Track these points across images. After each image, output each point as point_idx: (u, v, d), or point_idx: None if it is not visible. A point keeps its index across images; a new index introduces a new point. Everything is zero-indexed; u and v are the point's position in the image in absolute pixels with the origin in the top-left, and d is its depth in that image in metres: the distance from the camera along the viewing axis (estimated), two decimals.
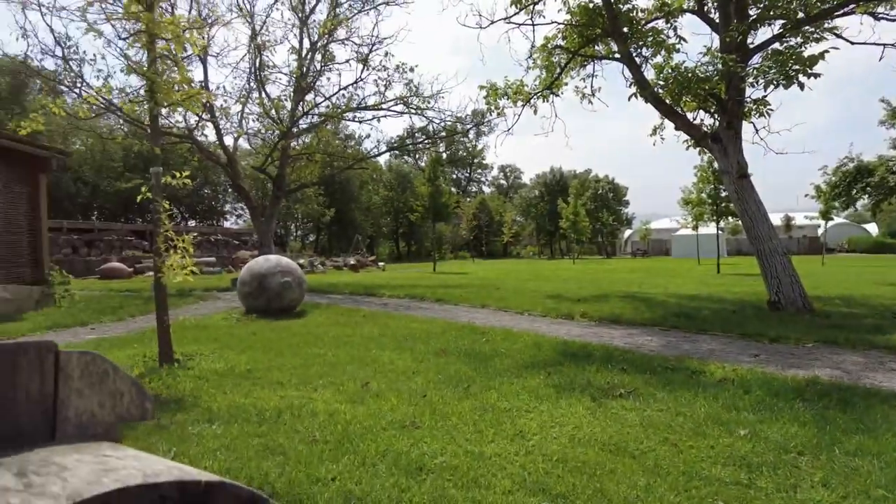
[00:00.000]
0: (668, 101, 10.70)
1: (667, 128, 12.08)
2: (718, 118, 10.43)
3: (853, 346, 6.62)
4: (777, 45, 9.74)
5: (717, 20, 10.55)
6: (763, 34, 10.93)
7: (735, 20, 9.72)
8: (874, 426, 3.76)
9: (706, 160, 22.74)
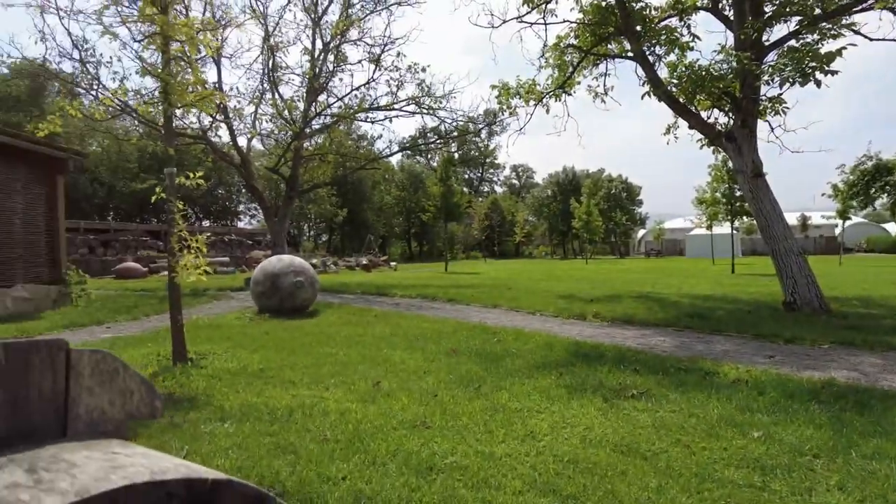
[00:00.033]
0: (682, 100, 10.60)
1: (680, 127, 11.99)
2: (733, 117, 10.32)
3: (871, 348, 6.51)
4: (793, 42, 9.63)
5: (732, 17, 10.44)
6: (779, 31, 10.81)
7: (750, 17, 9.63)
8: (892, 429, 3.69)
9: (721, 159, 22.54)
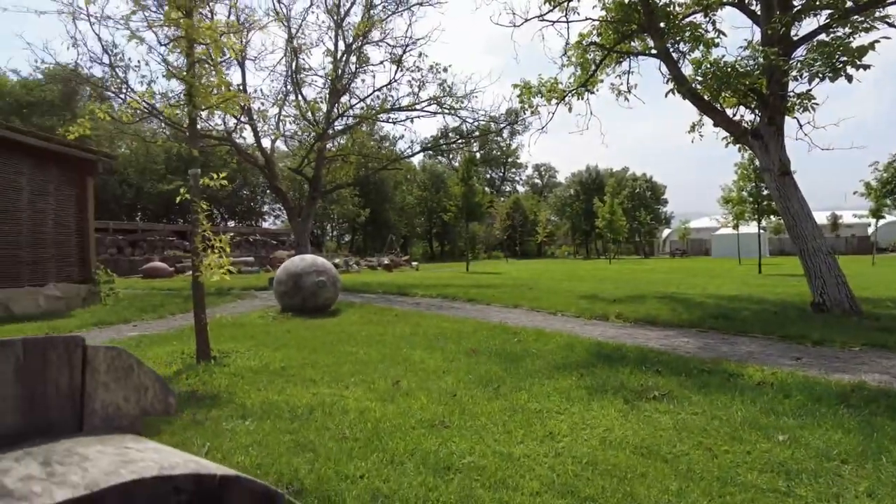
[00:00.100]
0: (707, 97, 10.43)
1: (705, 124, 11.80)
2: (759, 114, 10.11)
3: None
4: (823, 37, 9.38)
5: (759, 12, 10.22)
6: (808, 25, 10.55)
7: (778, 12, 9.40)
8: None
9: (747, 157, 22.13)
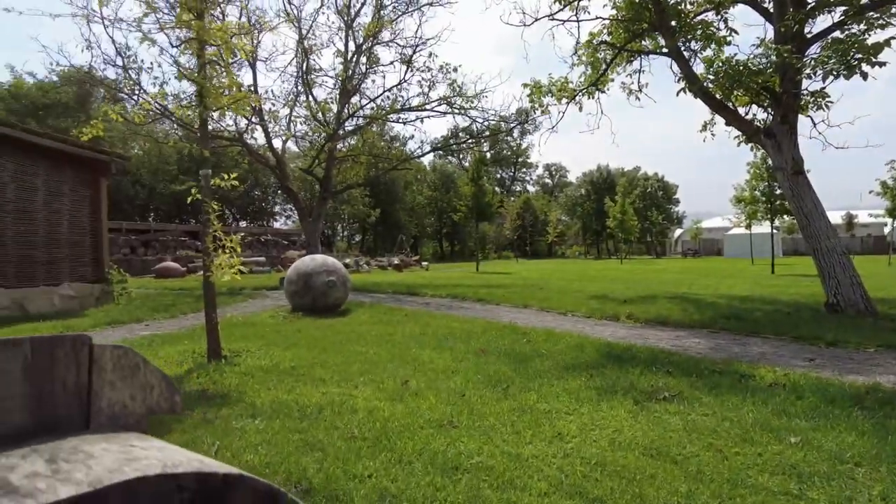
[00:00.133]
0: (719, 96, 10.34)
1: (717, 123, 11.71)
2: (772, 112, 10.01)
3: None
4: (837, 34, 9.27)
5: (772, 10, 10.11)
6: (822, 22, 10.44)
7: (791, 9, 9.30)
8: None
9: (760, 156, 21.93)
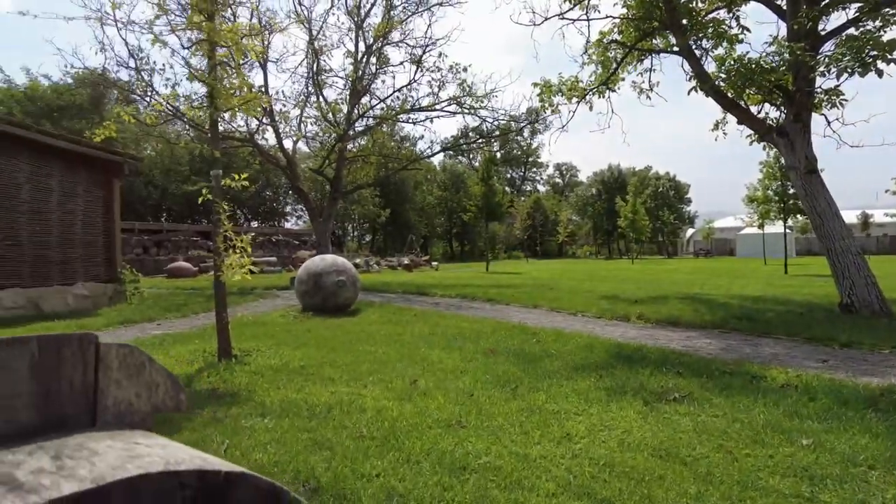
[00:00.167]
0: (731, 95, 10.25)
1: (729, 122, 11.60)
2: (785, 111, 9.90)
3: None
4: (852, 31, 9.15)
5: (785, 7, 10.00)
6: (836, 19, 10.33)
7: (804, 6, 9.20)
8: None
9: (772, 155, 21.71)
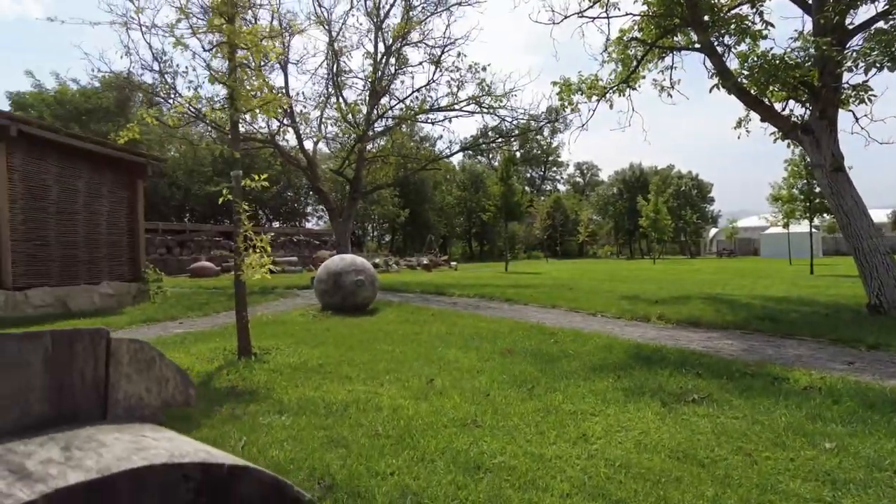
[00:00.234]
0: (754, 92, 10.06)
1: (752, 120, 11.38)
2: (810, 107, 9.69)
3: None
4: (881, 24, 8.92)
5: (810, 1, 9.79)
6: (865, 13, 10.07)
7: (831, 0, 9.00)
8: None
9: (797, 153, 21.27)
